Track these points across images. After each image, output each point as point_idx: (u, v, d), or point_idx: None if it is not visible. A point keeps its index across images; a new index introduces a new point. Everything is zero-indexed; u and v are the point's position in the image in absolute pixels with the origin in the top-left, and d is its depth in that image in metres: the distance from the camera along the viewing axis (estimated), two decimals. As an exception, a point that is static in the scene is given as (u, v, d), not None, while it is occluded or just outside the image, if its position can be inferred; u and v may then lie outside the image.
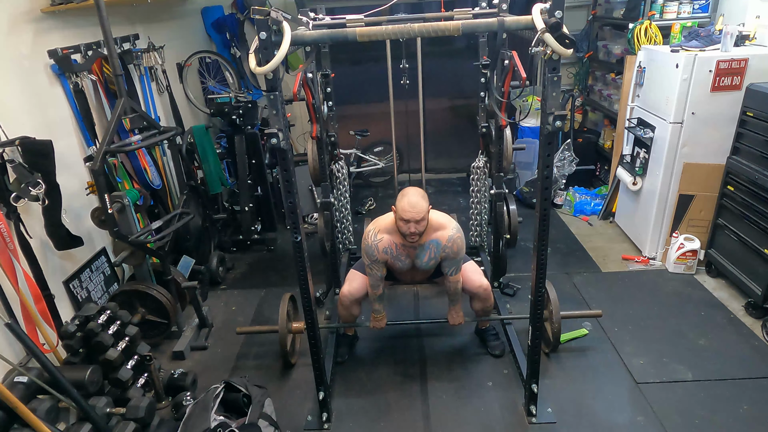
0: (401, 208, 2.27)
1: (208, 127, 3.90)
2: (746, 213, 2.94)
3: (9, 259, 2.22)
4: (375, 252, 2.43)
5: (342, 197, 3.31)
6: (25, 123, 2.46)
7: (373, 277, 2.52)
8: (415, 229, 2.27)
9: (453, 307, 2.63)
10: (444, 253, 2.42)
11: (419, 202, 2.27)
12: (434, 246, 2.42)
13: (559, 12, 1.62)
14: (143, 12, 3.52)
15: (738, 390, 2.43)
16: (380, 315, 2.63)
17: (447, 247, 2.41)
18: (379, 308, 2.62)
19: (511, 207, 3.01)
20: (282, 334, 2.57)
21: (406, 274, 2.62)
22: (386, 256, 2.45)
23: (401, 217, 2.27)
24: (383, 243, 2.43)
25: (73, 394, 1.92)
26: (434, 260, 2.47)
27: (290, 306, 2.70)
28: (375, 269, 2.49)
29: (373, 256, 2.45)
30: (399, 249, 2.44)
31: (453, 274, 2.49)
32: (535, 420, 2.32)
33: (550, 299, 2.55)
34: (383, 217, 2.50)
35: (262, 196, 4.06)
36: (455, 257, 2.44)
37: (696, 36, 3.20)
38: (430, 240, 2.41)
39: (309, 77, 2.49)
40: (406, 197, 2.28)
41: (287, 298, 2.67)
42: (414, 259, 2.48)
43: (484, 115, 3.12)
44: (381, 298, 2.59)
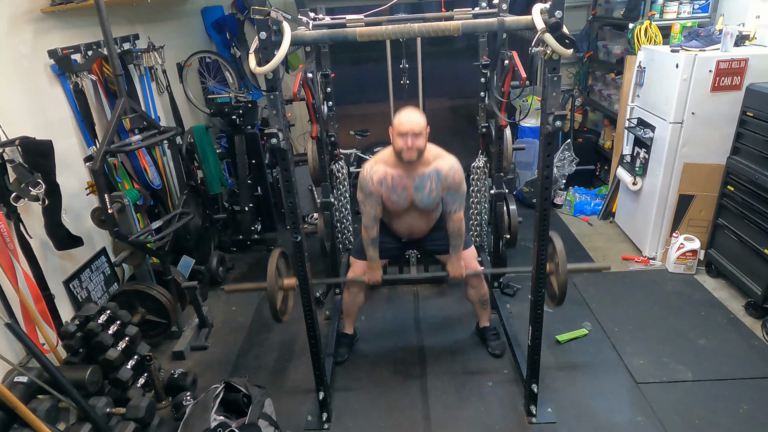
0: (397, 121, 2.20)
1: (208, 127, 3.90)
2: (746, 213, 2.94)
3: (9, 259, 2.22)
4: (369, 184, 2.34)
5: (342, 197, 3.31)
6: (25, 123, 2.45)
7: (367, 216, 2.41)
8: (412, 144, 2.18)
9: (454, 254, 2.49)
10: (446, 183, 2.32)
11: (415, 114, 2.21)
12: (435, 176, 2.32)
13: (559, 12, 1.62)
14: (143, 12, 3.52)
15: (738, 390, 2.43)
16: (375, 264, 2.51)
17: (449, 176, 2.32)
18: (374, 255, 2.49)
19: (511, 207, 3.01)
20: (271, 291, 2.34)
21: (404, 220, 2.49)
22: (381, 188, 2.34)
23: (398, 132, 2.20)
24: (379, 174, 2.34)
25: (73, 394, 1.92)
26: (435, 192, 2.35)
27: (280, 262, 2.48)
28: (369, 206, 2.38)
29: (367, 188, 2.35)
30: (396, 180, 2.33)
31: (456, 211, 2.39)
32: (535, 420, 2.32)
33: (556, 251, 2.31)
34: (382, 151, 2.41)
35: (262, 196, 4.06)
36: (458, 189, 2.35)
37: (696, 36, 3.20)
38: (430, 169, 2.32)
39: (309, 77, 2.49)
40: (404, 111, 2.23)
41: (277, 254, 2.43)
42: (413, 193, 2.36)
43: (484, 115, 3.12)
44: (375, 244, 2.47)
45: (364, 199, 2.39)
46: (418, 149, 2.22)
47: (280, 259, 2.44)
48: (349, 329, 2.86)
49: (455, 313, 3.08)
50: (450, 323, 3.05)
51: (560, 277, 2.27)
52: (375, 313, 3.17)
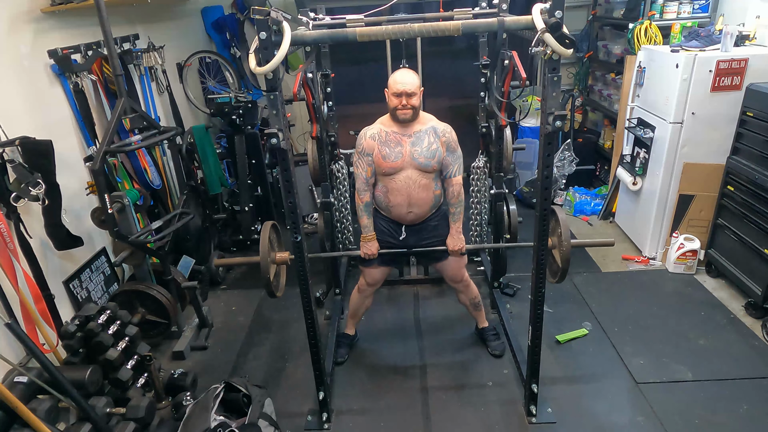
0: (392, 81, 2.25)
1: (208, 127, 3.90)
2: (746, 213, 2.94)
3: (9, 259, 2.22)
4: (362, 140, 2.37)
5: (342, 197, 3.30)
6: (25, 123, 2.45)
7: (359, 179, 2.40)
8: (407, 102, 2.23)
9: (453, 225, 2.45)
10: (444, 137, 2.34)
11: (411, 74, 2.26)
12: (432, 132, 2.33)
13: (559, 12, 1.62)
14: (143, 12, 3.52)
15: (738, 390, 2.43)
16: (369, 235, 2.45)
17: (446, 131, 2.36)
18: (368, 224, 2.44)
19: (511, 207, 3.01)
20: (264, 265, 2.26)
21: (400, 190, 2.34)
22: (373, 143, 2.33)
23: (393, 91, 2.24)
24: (372, 130, 2.37)
25: (73, 394, 1.92)
26: (435, 145, 2.31)
27: (272, 235, 2.38)
28: (361, 167, 2.38)
29: (360, 145, 2.37)
30: (390, 136, 2.33)
31: (456, 174, 2.39)
32: (535, 420, 2.32)
33: (559, 223, 2.18)
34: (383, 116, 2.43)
35: (262, 196, 4.06)
36: (456, 149, 2.37)
37: (696, 36, 3.20)
38: (427, 127, 2.34)
39: (309, 77, 2.49)
40: (398, 72, 2.28)
41: (269, 226, 2.35)
42: (410, 149, 2.30)
43: (484, 115, 3.12)
44: (368, 210, 2.44)
45: (357, 160, 2.39)
46: (412, 107, 2.26)
47: (271, 231, 2.35)
48: (350, 330, 2.87)
49: (455, 313, 3.08)
50: (450, 323, 3.05)
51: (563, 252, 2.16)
52: (375, 313, 3.16)
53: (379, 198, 2.44)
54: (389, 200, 2.40)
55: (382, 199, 2.43)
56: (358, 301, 2.72)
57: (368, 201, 2.43)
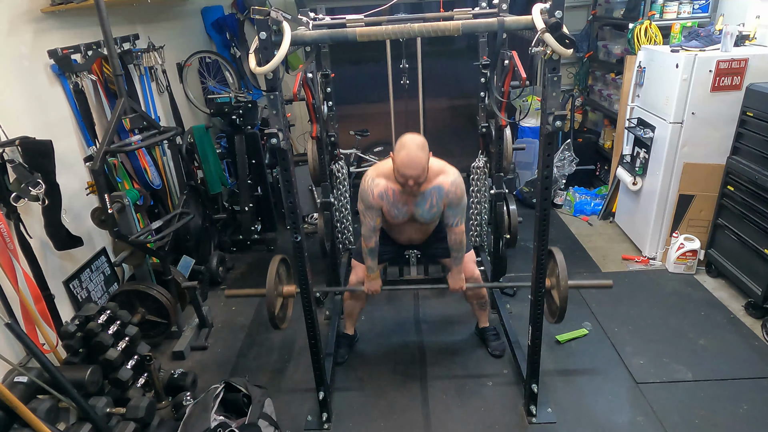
0: (399, 162, 2.15)
1: (208, 127, 3.90)
2: (746, 213, 2.94)
3: (9, 259, 2.22)
4: (370, 197, 2.32)
5: (342, 197, 3.31)
6: (25, 123, 2.45)
7: (366, 227, 2.39)
8: (413, 183, 2.18)
9: (455, 268, 2.47)
10: (447, 198, 2.30)
11: (418, 155, 2.13)
12: (436, 192, 2.29)
13: (559, 12, 1.62)
14: (143, 12, 3.52)
15: (738, 390, 2.43)
16: (374, 274, 2.48)
17: (450, 191, 2.29)
18: (373, 265, 2.47)
19: (511, 207, 3.01)
20: (270, 298, 2.35)
21: (403, 230, 2.49)
22: (381, 201, 2.33)
23: (400, 172, 2.16)
24: (380, 188, 2.31)
25: (73, 394, 1.92)
26: (436, 208, 2.34)
27: (281, 268, 2.49)
28: (369, 217, 2.36)
29: (367, 200, 2.33)
30: (397, 196, 2.31)
31: (457, 224, 2.37)
32: (535, 420, 2.32)
33: (557, 265, 2.31)
34: (384, 162, 2.36)
35: (262, 196, 4.06)
36: (459, 203, 2.33)
37: (696, 36, 3.20)
38: (432, 187, 2.28)
39: (309, 77, 2.49)
40: (405, 150, 2.14)
41: (277, 260, 2.45)
42: (413, 208, 2.36)
43: (484, 115, 3.12)
44: (373, 254, 2.45)
45: (364, 210, 2.37)
46: (419, 185, 2.22)
47: (280, 265, 2.46)
48: (349, 330, 2.87)
49: (455, 313, 3.08)
50: (450, 323, 3.05)
51: (561, 292, 2.26)
52: (375, 313, 3.17)
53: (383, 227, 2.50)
54: (391, 233, 2.56)
55: (386, 229, 2.54)
56: (350, 303, 2.72)
57: (373, 247, 2.43)
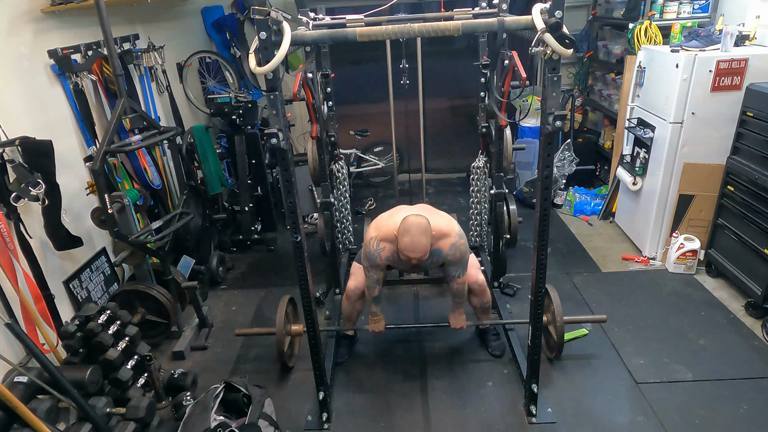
0: (403, 247, 2.20)
1: (208, 127, 3.90)
2: (746, 213, 2.94)
3: (9, 259, 2.22)
4: (377, 259, 2.39)
5: (342, 197, 3.31)
6: (25, 123, 2.46)
7: (370, 279, 2.48)
8: (416, 263, 2.25)
9: (456, 310, 2.58)
10: (446, 260, 2.39)
11: (420, 241, 2.17)
12: (436, 254, 2.36)
13: (559, 12, 1.62)
14: (143, 12, 3.52)
15: (738, 390, 2.43)
16: (378, 317, 2.60)
17: (449, 254, 2.36)
18: (377, 311, 2.58)
19: (511, 207, 3.01)
20: (280, 337, 2.53)
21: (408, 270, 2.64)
22: (388, 262, 2.42)
23: (403, 254, 2.22)
24: (386, 252, 2.38)
25: (73, 394, 1.92)
26: (437, 265, 2.46)
27: (289, 308, 2.68)
28: (373, 272, 2.45)
29: (374, 262, 2.41)
30: (402, 259, 2.34)
31: (459, 276, 2.44)
32: (535, 420, 2.32)
33: (552, 303, 2.53)
34: (385, 223, 2.41)
35: (262, 196, 4.06)
36: (459, 262, 2.40)
37: (696, 36, 3.20)
38: (433, 249, 2.32)
39: (309, 77, 2.49)
40: (408, 236, 2.17)
41: (286, 300, 2.65)
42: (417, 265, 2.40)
43: (484, 115, 3.12)
44: (378, 300, 2.55)
45: (369, 267, 2.44)
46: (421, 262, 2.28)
47: (288, 305, 2.61)
48: (349, 331, 2.86)
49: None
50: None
51: (557, 329, 2.48)
52: (375, 313, 3.17)
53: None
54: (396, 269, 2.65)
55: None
56: (348, 308, 2.72)
57: (377, 295, 2.52)
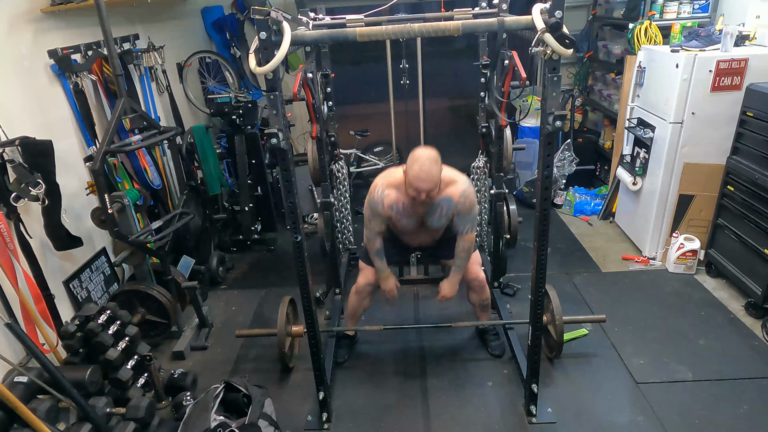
0: (413, 175, 2.12)
1: (208, 127, 3.90)
2: (746, 213, 2.94)
3: (9, 259, 2.22)
4: (379, 207, 2.32)
5: (342, 197, 3.31)
6: (25, 123, 2.46)
7: (371, 231, 2.41)
8: (426, 198, 2.16)
9: (454, 276, 2.48)
10: (456, 209, 2.30)
11: (432, 170, 2.11)
12: (446, 204, 2.28)
13: (559, 12, 1.62)
14: (143, 12, 3.52)
15: (738, 390, 2.43)
16: (385, 274, 2.52)
17: (459, 203, 2.28)
18: (382, 266, 2.50)
19: (511, 207, 3.01)
20: (281, 338, 2.54)
21: (410, 235, 2.51)
22: (391, 212, 2.34)
23: (412, 186, 2.14)
24: (390, 199, 2.31)
25: (73, 394, 1.92)
26: (445, 218, 2.35)
27: (289, 309, 2.68)
28: (374, 223, 2.38)
29: (376, 210, 2.34)
30: (407, 207, 2.31)
31: (468, 231, 2.36)
32: (535, 420, 2.32)
33: (552, 303, 2.53)
34: (393, 172, 2.36)
35: (262, 196, 4.06)
36: (469, 213, 2.32)
37: (696, 36, 3.20)
38: (442, 198, 2.27)
39: (309, 77, 2.49)
40: (418, 164, 2.11)
41: (287, 301, 2.65)
42: (424, 217, 2.36)
43: (484, 115, 3.12)
44: (381, 255, 2.48)
45: (371, 217, 2.39)
46: (431, 199, 2.20)
47: (289, 306, 2.60)
48: (350, 330, 2.86)
49: (455, 313, 3.08)
50: (450, 323, 3.04)
51: (557, 329, 2.50)
52: (375, 313, 3.16)
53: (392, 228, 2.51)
54: (402, 237, 2.55)
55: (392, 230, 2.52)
56: (356, 303, 2.71)
57: (379, 248, 2.46)
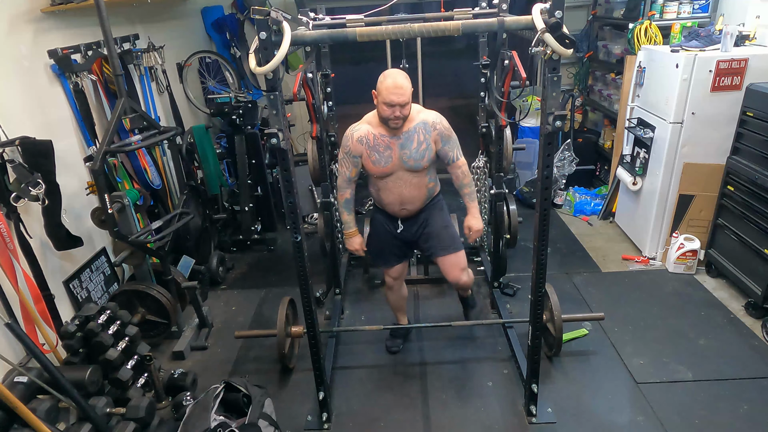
0: (385, 89, 2.10)
1: (208, 127, 3.90)
2: (746, 213, 2.94)
3: (9, 259, 2.22)
4: (349, 141, 2.30)
5: (342, 197, 3.30)
6: (25, 123, 2.46)
7: (341, 177, 2.39)
8: (400, 113, 2.14)
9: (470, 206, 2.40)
10: (436, 131, 2.26)
11: (404, 83, 2.12)
12: (422, 128, 2.24)
13: (559, 12, 1.62)
14: (143, 12, 3.52)
15: (738, 390, 2.43)
16: (351, 230, 2.48)
17: (437, 122, 2.26)
18: (348, 220, 2.46)
19: (511, 207, 3.01)
20: (280, 338, 2.54)
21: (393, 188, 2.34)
22: (361, 147, 2.28)
23: (385, 101, 2.12)
24: (360, 132, 2.28)
25: (73, 394, 1.92)
26: (425, 144, 2.25)
27: (289, 309, 2.68)
28: (345, 166, 2.35)
29: (346, 145, 2.31)
30: (378, 139, 2.25)
31: (457, 157, 2.34)
32: (535, 420, 2.32)
33: (551, 302, 2.54)
34: (368, 114, 2.35)
35: (262, 196, 4.06)
36: (450, 135, 2.30)
37: (696, 36, 3.20)
38: (416, 123, 2.23)
39: (309, 77, 2.49)
40: (390, 77, 2.12)
41: (286, 301, 2.65)
42: (398, 151, 2.25)
43: (484, 115, 3.12)
44: (348, 206, 2.45)
45: (342, 158, 2.36)
46: (404, 117, 2.18)
47: (289, 307, 2.61)
48: (402, 320, 2.87)
49: (455, 312, 3.07)
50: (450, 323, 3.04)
51: (556, 327, 2.52)
52: (375, 312, 3.17)
53: (374, 195, 2.49)
54: (382, 198, 2.43)
55: (376, 197, 2.48)
56: (393, 298, 2.75)
57: (348, 198, 2.44)
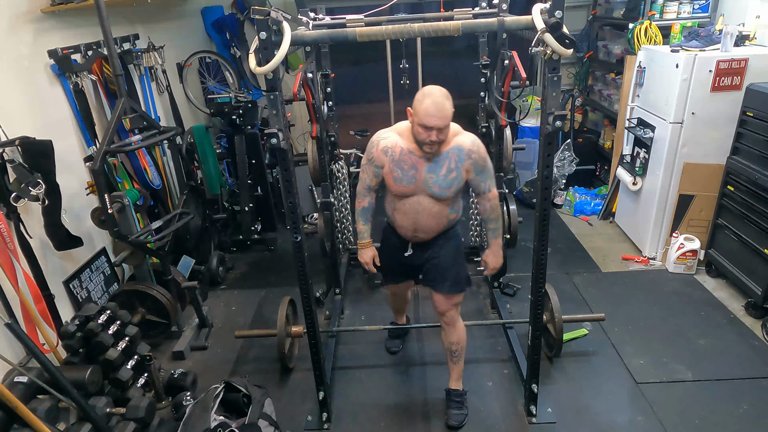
0: (423, 110, 1.88)
1: (208, 127, 3.90)
2: (746, 213, 2.94)
3: (9, 259, 2.22)
4: (373, 149, 2.08)
5: (342, 197, 3.31)
6: (25, 123, 2.45)
7: (361, 183, 2.18)
8: (437, 138, 1.91)
9: (493, 242, 2.19)
10: (471, 159, 2.02)
11: (445, 104, 1.89)
12: (455, 154, 1.99)
13: (559, 12, 1.62)
14: (143, 12, 3.52)
15: (738, 390, 2.43)
16: (364, 241, 2.24)
17: (473, 151, 2.01)
18: (363, 230, 2.23)
19: (511, 207, 3.01)
20: (280, 338, 2.54)
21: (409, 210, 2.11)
22: (385, 158, 2.06)
23: (421, 123, 1.89)
24: (387, 142, 2.05)
25: (73, 394, 1.92)
26: (455, 173, 2.02)
27: (289, 309, 2.68)
28: (366, 173, 2.15)
29: (369, 152, 2.11)
30: (404, 154, 2.02)
31: (490, 189, 2.11)
32: (535, 420, 2.32)
33: (551, 302, 2.54)
34: (403, 122, 2.11)
35: (262, 196, 4.06)
36: (485, 164, 2.06)
37: (696, 36, 3.20)
38: (450, 147, 1.99)
39: (309, 77, 2.49)
40: (430, 97, 1.89)
41: (286, 301, 2.65)
42: (424, 174, 2.02)
43: (484, 115, 3.12)
44: (366, 214, 2.23)
45: (364, 164, 2.16)
46: (441, 142, 1.96)
47: (289, 307, 2.60)
48: (400, 321, 2.87)
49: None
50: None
51: (556, 328, 2.51)
52: (375, 312, 3.17)
53: (388, 211, 2.25)
54: (396, 219, 2.20)
55: (390, 215, 2.24)
56: (395, 301, 2.75)
57: (366, 206, 2.23)
